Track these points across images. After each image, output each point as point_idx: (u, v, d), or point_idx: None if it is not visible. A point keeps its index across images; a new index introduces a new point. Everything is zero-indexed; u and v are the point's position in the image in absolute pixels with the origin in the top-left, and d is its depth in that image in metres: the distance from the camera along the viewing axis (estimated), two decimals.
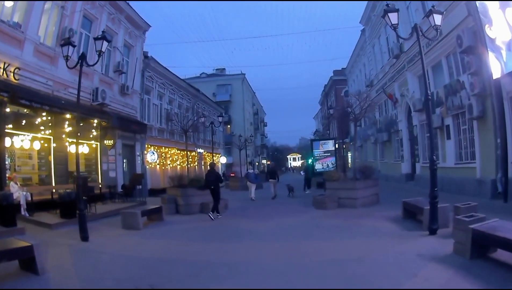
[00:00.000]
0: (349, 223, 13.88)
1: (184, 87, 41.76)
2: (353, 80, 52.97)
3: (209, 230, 14.31)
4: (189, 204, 19.07)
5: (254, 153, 78.47)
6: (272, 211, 19.06)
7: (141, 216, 15.19)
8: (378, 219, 14.36)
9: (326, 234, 12.35)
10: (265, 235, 12.65)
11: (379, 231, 12.14)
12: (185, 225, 15.54)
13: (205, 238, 12.63)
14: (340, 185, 18.84)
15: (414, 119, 28.01)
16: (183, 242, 12.05)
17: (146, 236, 13.38)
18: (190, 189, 19.43)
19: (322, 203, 18.19)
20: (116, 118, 24.18)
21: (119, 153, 26.34)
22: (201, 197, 19.14)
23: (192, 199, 19.17)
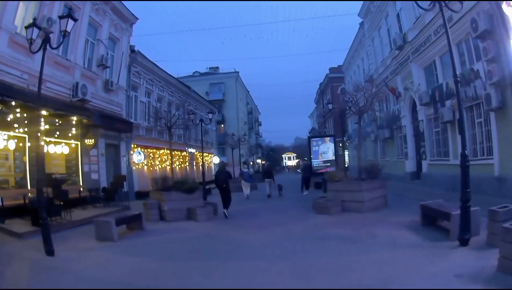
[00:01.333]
0: (359, 233, 11.79)
1: (174, 84, 39.78)
2: (351, 77, 51.22)
3: (194, 242, 12.20)
4: (174, 210, 16.93)
5: (248, 153, 76.83)
6: (267, 216, 17.20)
7: (116, 225, 13.14)
8: (393, 227, 12.40)
9: (335, 248, 10.20)
10: (260, 251, 10.50)
11: (399, 243, 10.15)
12: (167, 236, 13.46)
13: (187, 255, 10.50)
14: (343, 186, 16.76)
15: (419, 114, 26.02)
16: (161, 261, 9.88)
17: (120, 250, 11.32)
18: (175, 192, 17.33)
19: (324, 208, 16.16)
20: (98, 115, 22.18)
21: (102, 153, 24.38)
22: (187, 201, 17.13)
23: (178, 204, 17.05)
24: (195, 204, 16.98)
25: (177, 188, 17.44)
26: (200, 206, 17.04)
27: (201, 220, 16.30)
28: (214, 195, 29.77)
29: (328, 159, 30.82)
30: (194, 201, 17.19)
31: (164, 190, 17.76)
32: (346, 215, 15.52)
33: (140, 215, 14.86)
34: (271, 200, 24.40)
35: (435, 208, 11.47)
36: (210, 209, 17.18)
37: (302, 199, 23.25)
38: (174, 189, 17.55)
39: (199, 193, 18.02)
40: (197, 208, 16.53)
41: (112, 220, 12.99)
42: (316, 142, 31.74)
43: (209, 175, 50.42)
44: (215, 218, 17.15)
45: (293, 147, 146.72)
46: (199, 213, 16.47)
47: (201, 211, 16.60)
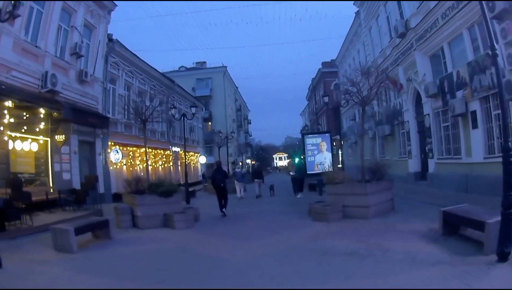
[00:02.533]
0: (367, 246, 9.49)
1: (157, 77, 37.59)
2: (345, 70, 48.32)
3: (164, 258, 9.83)
4: (149, 216, 14.68)
5: (237, 152, 74.78)
6: (257, 224, 14.83)
7: (77, 233, 11.06)
8: (407, 237, 10.22)
9: (340, 269, 7.85)
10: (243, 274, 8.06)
11: (420, 260, 7.98)
12: (136, 248, 11.17)
13: (152, 276, 8.16)
14: (345, 189, 14.36)
15: (425, 107, 23.74)
16: (117, 284, 7.68)
17: (75, 266, 9.24)
18: (150, 196, 15.04)
19: (322, 214, 13.80)
20: (69, 108, 20.04)
21: (75, 151, 22.16)
22: (164, 206, 14.92)
23: (153, 209, 14.79)
24: (173, 210, 14.80)
25: (152, 191, 15.11)
26: (179, 212, 14.77)
27: (179, 228, 14.05)
28: (199, 198, 28.48)
29: (324, 158, 28.14)
30: (172, 205, 15.00)
31: (138, 193, 15.42)
32: (348, 222, 13.24)
33: (106, 222, 12.67)
34: (263, 204, 22.15)
35: (463, 216, 9.25)
36: (190, 215, 14.85)
37: (296, 203, 21.07)
38: (149, 192, 15.22)
39: (178, 196, 15.73)
40: (175, 214, 14.27)
41: (71, 229, 10.87)
42: (310, 139, 28.94)
43: (195, 176, 48.74)
44: (195, 225, 14.86)
45: (284, 146, 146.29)
46: (176, 220, 14.19)
47: (179, 217, 14.32)
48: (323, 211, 13.79)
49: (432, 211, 13.59)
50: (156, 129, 36.40)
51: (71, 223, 12.24)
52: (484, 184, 16.79)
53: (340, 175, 14.98)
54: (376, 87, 15.77)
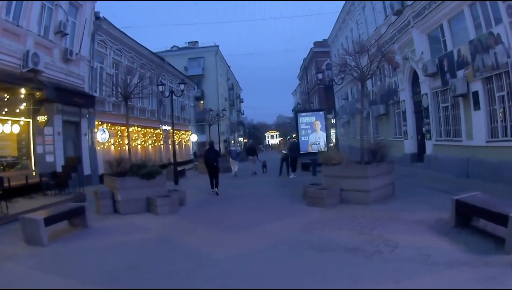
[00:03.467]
0: (372, 240, 8.40)
1: (146, 55, 36.16)
2: (338, 50, 47.32)
3: (141, 252, 8.72)
4: (130, 200, 13.59)
5: (229, 130, 73.92)
6: (246, 208, 13.80)
7: (49, 223, 10.00)
8: (415, 229, 9.17)
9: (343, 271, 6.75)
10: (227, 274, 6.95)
11: (434, 259, 6.96)
12: (111, 239, 10.01)
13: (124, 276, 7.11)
14: (343, 171, 13.21)
15: (423, 87, 22.69)
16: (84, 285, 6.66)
17: (42, 262, 8.18)
18: (131, 178, 13.89)
19: (318, 199, 12.72)
20: (52, 88, 19.04)
21: (59, 132, 21.18)
22: (147, 189, 13.84)
23: (135, 192, 13.68)
24: (156, 193, 13.76)
25: (133, 173, 13.95)
26: (162, 196, 13.67)
27: (162, 213, 13.00)
28: (189, 178, 27.46)
29: (318, 138, 27.07)
30: (155, 189, 13.96)
31: (119, 175, 14.29)
32: (347, 208, 12.19)
33: (82, 209, 11.53)
34: (255, 185, 21.05)
35: (481, 207, 8.08)
36: (174, 199, 13.72)
37: (289, 184, 20.09)
38: (130, 174, 14.06)
39: (162, 179, 14.61)
40: (158, 199, 13.18)
41: (40, 219, 9.71)
42: (304, 117, 27.79)
43: (187, 154, 48.04)
44: (180, 210, 13.77)
45: (275, 125, 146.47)
46: (159, 205, 13.12)
47: (162, 202, 13.23)
48: (319, 195, 12.73)
49: (435, 197, 13.17)
50: (146, 107, 35.47)
51: (45, 211, 11.36)
52: (487, 169, 16.07)
53: (337, 155, 13.75)
54: (377, 61, 14.59)
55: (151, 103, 36.79)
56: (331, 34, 50.53)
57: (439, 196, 13.28)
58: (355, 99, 39.90)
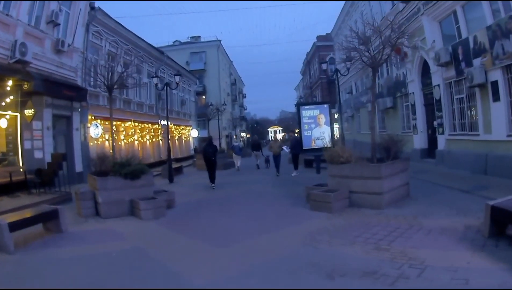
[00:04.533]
0: (391, 259, 6.79)
1: (144, 48, 34.68)
2: (341, 43, 46.07)
3: (111, 267, 7.31)
4: (112, 202, 12.11)
5: (231, 126, 72.71)
6: (240, 214, 12.13)
7: (13, 229, 8.67)
8: (443, 241, 7.64)
9: None
10: None
11: (474, 286, 5.44)
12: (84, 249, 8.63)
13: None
14: (352, 170, 11.58)
15: (434, 77, 21.14)
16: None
17: (1, 274, 7.18)
18: (113, 178, 12.37)
19: (324, 202, 11.10)
20: (40, 79, 18.18)
21: (48, 126, 19.97)
22: (130, 191, 12.32)
23: (117, 194, 12.18)
24: (141, 195, 12.26)
25: (115, 172, 12.42)
26: (148, 198, 12.20)
27: (145, 218, 11.50)
28: (186, 175, 26.31)
29: (322, 133, 25.29)
30: (141, 190, 12.44)
31: (100, 174, 12.78)
32: (357, 214, 10.62)
33: (56, 212, 10.17)
34: (255, 182, 20.05)
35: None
36: (160, 202, 12.20)
37: (291, 182, 18.55)
38: (112, 173, 12.52)
39: (148, 179, 12.99)
40: (141, 202, 11.68)
41: (4, 223, 8.46)
42: (307, 111, 25.83)
43: (187, 150, 47.03)
44: (167, 214, 12.23)
45: (278, 120, 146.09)
46: (143, 209, 11.62)
47: (146, 205, 11.72)
48: (325, 198, 11.11)
49: (456, 198, 11.88)
50: (144, 102, 34.14)
51: (14, 215, 10.38)
52: (508, 166, 14.64)
53: (346, 152, 11.99)
54: (390, 46, 13.09)
55: (149, 97, 35.47)
56: (334, 27, 49.03)
57: (460, 197, 11.95)
58: (359, 92, 38.58)
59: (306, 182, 15.25)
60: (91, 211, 12.43)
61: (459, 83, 18.95)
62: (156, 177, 23.71)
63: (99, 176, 12.52)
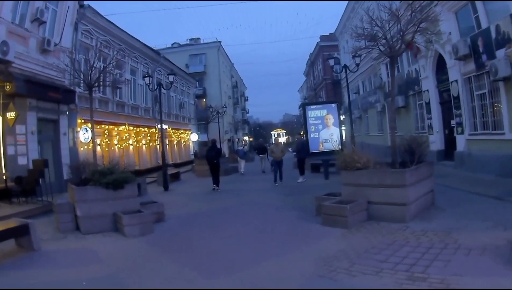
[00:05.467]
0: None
1: (139, 48, 33.18)
2: (346, 41, 44.52)
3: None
4: (93, 217, 10.49)
5: (232, 129, 70.88)
6: (239, 231, 10.26)
7: None
8: (486, 263, 6.22)
9: None
10: None
11: None
12: (52, 275, 7.21)
13: None
14: (371, 178, 9.86)
15: (452, 73, 19.53)
16: None
17: None
18: (93, 188, 10.72)
19: (339, 216, 9.35)
20: (24, 81, 17.26)
21: (32, 131, 18.70)
22: (113, 203, 10.69)
23: (98, 206, 10.57)
24: (126, 207, 10.61)
25: (95, 181, 10.76)
26: (133, 212, 10.54)
27: (130, 234, 9.85)
28: (183, 182, 24.93)
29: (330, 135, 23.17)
30: (125, 201, 10.80)
31: (79, 184, 11.16)
32: (378, 229, 8.93)
33: (26, 227, 8.86)
34: (259, 191, 18.06)
35: None
36: (147, 216, 10.47)
37: (298, 191, 16.82)
38: (92, 182, 10.87)
39: (133, 189, 11.30)
40: (124, 216, 10.03)
41: None
42: (313, 110, 23.98)
43: (187, 155, 45.88)
44: (156, 229, 10.57)
45: (281, 123, 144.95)
46: (126, 224, 9.96)
47: (130, 220, 10.06)
48: (340, 211, 9.36)
49: (487, 206, 10.42)
50: (139, 105, 32.79)
51: None
52: None
53: (362, 157, 10.17)
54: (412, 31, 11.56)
55: (145, 100, 34.07)
56: (339, 26, 47.57)
57: (492, 205, 10.47)
58: (367, 92, 37.04)
59: (314, 190, 13.88)
60: (71, 226, 10.86)
61: (480, 77, 17.42)
62: (151, 185, 22.60)
63: (78, 186, 10.94)
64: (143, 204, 11.86)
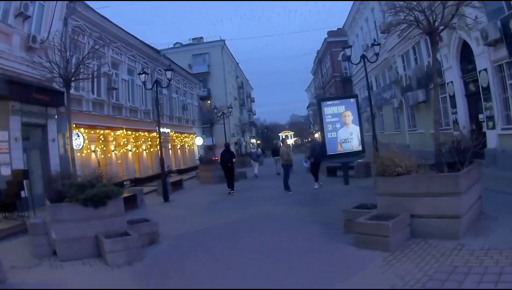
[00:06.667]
0: None
1: (136, 46, 31.42)
2: (356, 36, 43.04)
3: None
4: (70, 240, 8.58)
5: (239, 132, 68.69)
6: (250, 258, 8.02)
7: None
8: None
9: None
10: None
11: None
12: None
13: None
14: (415, 184, 7.80)
15: (480, 61, 17.65)
16: None
17: None
18: (70, 206, 8.76)
19: (377, 236, 7.26)
20: (5, 81, 15.74)
21: (16, 137, 17.06)
22: (95, 223, 8.75)
23: (76, 227, 8.64)
24: (111, 228, 8.71)
25: (72, 196, 8.83)
26: (118, 234, 8.60)
27: (113, 263, 7.90)
28: (186, 190, 23.11)
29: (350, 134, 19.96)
30: (109, 221, 8.85)
31: (55, 200, 9.23)
32: (428, 251, 6.91)
33: None
34: (269, 203, 15.25)
35: None
36: (135, 240, 8.35)
37: (316, 199, 14.64)
38: (69, 198, 8.92)
39: (117, 205, 9.20)
40: (106, 241, 8.06)
41: None
42: (330, 106, 20.46)
43: (191, 160, 44.53)
44: (147, 254, 8.62)
45: (289, 124, 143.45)
46: (109, 251, 7.98)
47: (113, 245, 8.07)
48: (380, 230, 7.27)
49: None
50: (138, 107, 31.09)
51: None
52: None
53: (404, 159, 8.02)
54: None
55: (145, 102, 32.37)
56: (348, 19, 45.70)
57: None
58: (381, 88, 35.26)
59: (334, 198, 12.90)
60: (47, 250, 9.05)
61: None
62: (150, 195, 21.05)
63: (54, 202, 9.07)
64: (133, 223, 9.91)
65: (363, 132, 20.26)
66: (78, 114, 22.26)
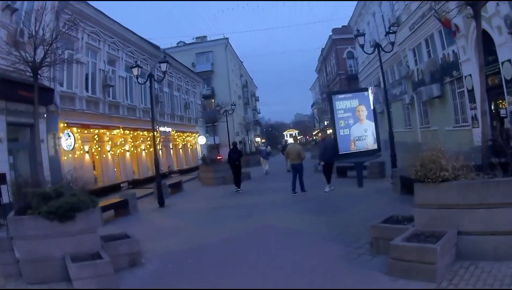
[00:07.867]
0: None
1: (135, 42, 30.41)
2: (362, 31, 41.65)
3: None
4: (36, 260, 7.08)
5: (244, 130, 67.81)
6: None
7: None
8: None
9: None
10: None
11: None
12: None
13: None
14: (464, 193, 6.13)
15: (501, 52, 16.34)
16: None
17: None
18: (32, 219, 7.20)
19: (420, 263, 5.52)
20: None
21: (1, 138, 16.54)
22: (64, 240, 7.21)
23: (41, 245, 7.16)
24: (81, 248, 7.21)
25: (35, 208, 7.25)
26: (89, 256, 7.03)
27: None
28: (185, 194, 21.76)
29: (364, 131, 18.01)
30: (79, 239, 7.31)
31: (19, 211, 7.72)
32: (483, 279, 5.27)
33: None
34: (276, 211, 13.34)
35: None
36: (106, 265, 6.71)
37: (329, 205, 12.95)
38: (33, 210, 7.32)
39: (88, 219, 7.52)
40: (72, 265, 6.53)
41: None
42: (343, 101, 18.33)
43: (194, 160, 43.75)
44: (123, 279, 7.06)
45: (294, 123, 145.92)
46: (75, 278, 6.43)
47: (80, 271, 6.50)
48: (424, 256, 5.55)
49: None
50: (137, 105, 30.15)
51: None
52: None
53: (451, 161, 6.36)
54: None
55: (144, 101, 31.18)
56: (353, 15, 44.71)
57: None
58: (391, 83, 33.76)
59: (350, 203, 11.62)
60: (13, 270, 7.55)
61: None
62: (146, 198, 20.06)
63: (17, 214, 7.61)
64: (110, 239, 8.25)
65: (378, 128, 18.36)
66: (71, 112, 21.45)
